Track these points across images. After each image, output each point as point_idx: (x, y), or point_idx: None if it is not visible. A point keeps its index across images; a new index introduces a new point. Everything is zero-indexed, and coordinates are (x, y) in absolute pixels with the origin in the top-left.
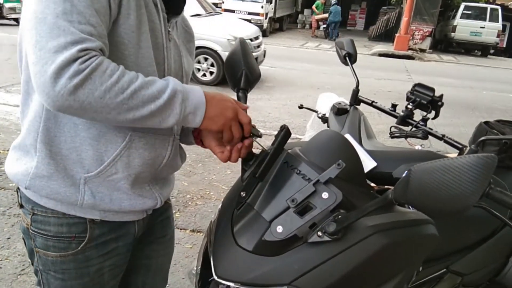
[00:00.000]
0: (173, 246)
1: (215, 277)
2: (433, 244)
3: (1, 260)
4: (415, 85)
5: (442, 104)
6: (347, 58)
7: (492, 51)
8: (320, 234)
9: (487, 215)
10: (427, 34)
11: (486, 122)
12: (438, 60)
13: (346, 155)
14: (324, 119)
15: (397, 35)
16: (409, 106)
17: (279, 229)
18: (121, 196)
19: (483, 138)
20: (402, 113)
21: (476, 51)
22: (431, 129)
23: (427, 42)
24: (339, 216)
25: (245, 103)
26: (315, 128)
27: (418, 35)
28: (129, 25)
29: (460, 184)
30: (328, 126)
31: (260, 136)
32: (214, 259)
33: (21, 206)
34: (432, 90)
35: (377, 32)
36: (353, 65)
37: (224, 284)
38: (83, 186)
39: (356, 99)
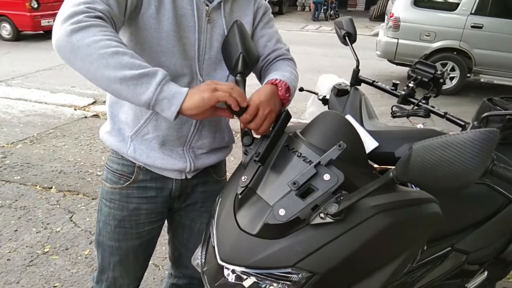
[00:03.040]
0: None
1: (219, 261)
2: (437, 223)
3: (9, 252)
4: (416, 62)
5: (444, 81)
6: (346, 38)
7: None
8: (323, 215)
9: (491, 192)
10: None
11: (490, 99)
12: None
13: (347, 136)
14: (324, 101)
15: None
16: (410, 85)
17: (282, 212)
18: (155, 155)
19: (486, 114)
20: (403, 92)
21: None
22: (433, 107)
23: None
24: (341, 197)
25: (244, 87)
26: (316, 105)
27: None
28: (149, 14)
29: (462, 160)
30: (328, 108)
31: None
32: (218, 244)
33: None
34: (434, 67)
35: (378, 13)
36: (353, 45)
37: (228, 268)
38: (129, 142)
39: (356, 79)
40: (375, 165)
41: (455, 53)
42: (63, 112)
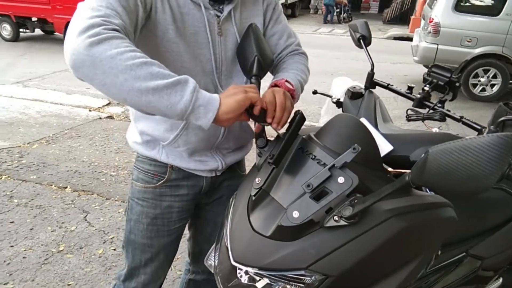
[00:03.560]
0: None
1: (233, 262)
2: (452, 228)
3: (25, 250)
4: (432, 66)
5: (460, 85)
6: (361, 41)
7: None
8: (337, 218)
9: (508, 197)
10: None
11: (506, 103)
12: None
13: (362, 139)
14: (338, 104)
15: (412, 17)
16: (426, 88)
17: (295, 214)
18: (187, 159)
19: (503, 118)
20: (418, 96)
21: None
22: (449, 111)
23: None
24: (355, 201)
25: (259, 89)
26: (329, 114)
27: None
28: (168, 38)
29: (478, 165)
30: (343, 111)
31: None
32: (231, 244)
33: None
34: (450, 71)
35: (392, 15)
36: (368, 48)
37: (241, 269)
38: (161, 150)
39: (371, 83)
40: (390, 169)
41: (497, 59)
42: (78, 113)
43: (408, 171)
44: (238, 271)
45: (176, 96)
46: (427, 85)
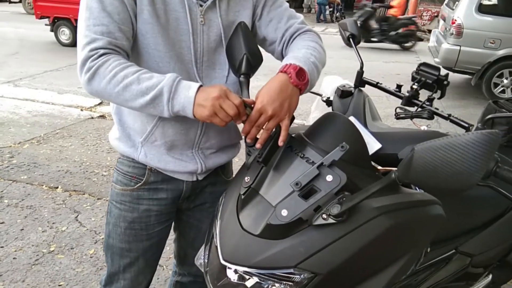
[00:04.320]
0: None
1: (222, 261)
2: (440, 225)
3: (15, 251)
4: (420, 64)
5: (448, 83)
6: (350, 40)
7: None
8: (325, 216)
9: (496, 195)
10: (435, 14)
11: (495, 101)
12: None
13: (350, 137)
14: (328, 103)
15: (405, 15)
16: (414, 86)
17: (284, 212)
18: (166, 159)
19: (490, 116)
20: (407, 94)
21: None
22: (437, 109)
23: (436, 23)
24: (344, 199)
25: (247, 88)
26: (319, 112)
27: (426, 15)
28: (143, 19)
29: (463, 162)
30: (332, 109)
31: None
32: (221, 243)
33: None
34: (438, 69)
35: (384, 14)
36: (358, 47)
37: (231, 268)
38: (140, 148)
39: (360, 81)
40: (379, 167)
41: None
42: (70, 113)
43: (395, 169)
44: (227, 270)
45: (158, 108)
46: (416, 83)
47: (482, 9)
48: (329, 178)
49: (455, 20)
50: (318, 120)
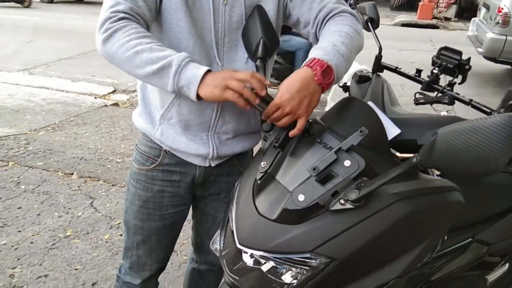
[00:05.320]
0: None
1: (238, 245)
2: (459, 212)
3: (32, 235)
4: (441, 48)
5: (470, 67)
6: (369, 24)
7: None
8: (343, 202)
9: None
10: (452, 1)
11: None
12: (464, 28)
13: (369, 122)
14: (345, 88)
15: (420, 3)
16: (435, 71)
17: (301, 197)
18: (180, 139)
19: None
20: (427, 79)
21: None
22: (458, 94)
23: (452, 10)
24: (362, 184)
25: (264, 73)
26: (336, 99)
27: (442, 2)
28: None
29: (488, 145)
30: (349, 95)
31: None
32: (237, 228)
33: None
34: (459, 53)
35: (400, 1)
36: (375, 32)
37: (246, 252)
38: (158, 125)
39: (379, 66)
40: (397, 153)
41: None
42: (84, 101)
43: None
44: (243, 254)
45: (164, 80)
46: (436, 68)
47: None
48: (347, 163)
49: (502, 8)
50: (336, 104)
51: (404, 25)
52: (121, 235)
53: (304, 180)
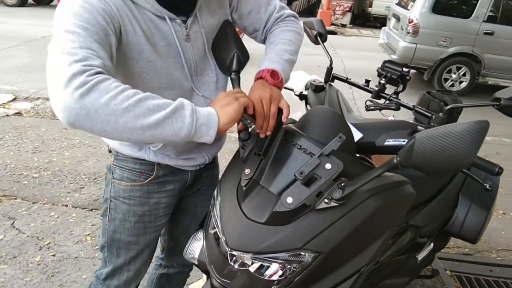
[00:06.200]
0: None
1: (229, 250)
2: (412, 202)
3: None
4: (385, 61)
5: (410, 78)
6: (318, 38)
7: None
8: (327, 201)
9: None
10: (347, 9)
11: (429, 92)
12: (358, 34)
13: (341, 128)
14: (301, 97)
15: (319, 10)
16: (382, 81)
17: (289, 200)
18: (176, 159)
19: (450, 106)
20: (376, 88)
21: None
22: (403, 101)
23: (348, 17)
24: (342, 184)
25: (239, 85)
26: (301, 110)
27: (339, 10)
28: (145, 58)
29: (459, 146)
30: (307, 103)
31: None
32: (226, 234)
33: (109, 151)
34: (401, 66)
35: (300, 8)
36: (324, 45)
37: (234, 255)
38: (148, 151)
39: (330, 76)
40: (357, 155)
41: (468, 58)
42: None
43: (373, 155)
44: (229, 258)
45: (178, 123)
46: (383, 79)
47: (436, 9)
48: (328, 166)
49: (412, 20)
50: (308, 113)
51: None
52: (53, 255)
53: (289, 184)
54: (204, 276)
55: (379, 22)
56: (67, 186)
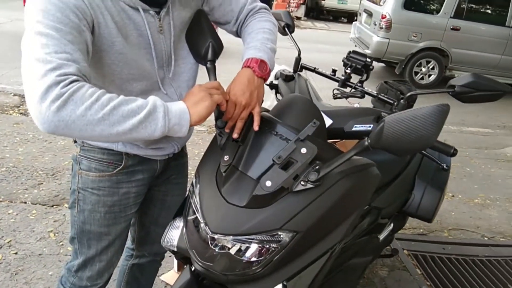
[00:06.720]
0: (185, 191)
1: (210, 234)
2: (377, 183)
3: None
4: (350, 52)
5: (373, 67)
6: (285, 29)
7: (355, 17)
8: (303, 183)
9: (393, 159)
10: (301, 2)
11: (386, 82)
12: (312, 27)
13: (314, 115)
14: (271, 86)
15: (274, 2)
16: (347, 71)
17: (268, 183)
18: (145, 148)
19: (411, 93)
20: (342, 77)
21: (342, 18)
22: (367, 89)
23: (302, 10)
24: (317, 167)
25: (214, 74)
26: (270, 99)
27: (293, 3)
28: (116, 50)
29: (424, 128)
30: (277, 92)
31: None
32: (207, 218)
33: (75, 141)
34: (365, 56)
35: None
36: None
37: (215, 239)
38: (121, 145)
39: (299, 66)
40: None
41: (436, 52)
42: None
43: (341, 140)
44: (210, 242)
45: (152, 126)
46: (348, 68)
47: (407, 6)
48: (303, 150)
49: (385, 15)
50: (282, 101)
51: None
52: (16, 253)
53: (267, 168)
54: (175, 266)
55: (332, 15)
56: (24, 182)
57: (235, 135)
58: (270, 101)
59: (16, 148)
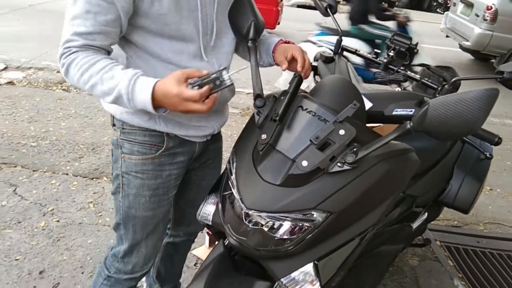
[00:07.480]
0: (219, 174)
1: (245, 209)
2: (415, 169)
3: None
4: (394, 34)
5: (418, 51)
6: (328, 9)
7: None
8: (340, 164)
9: (432, 146)
10: None
11: (428, 67)
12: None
13: (354, 97)
14: (311, 68)
15: None
16: (391, 54)
17: (304, 163)
18: (187, 126)
19: (456, 78)
20: (385, 60)
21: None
22: (409, 73)
23: None
24: (355, 149)
25: (255, 54)
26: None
27: None
28: (156, 10)
29: (470, 112)
30: (316, 74)
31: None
32: (243, 195)
33: (113, 124)
34: (410, 38)
35: None
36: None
37: (250, 215)
38: (158, 120)
39: (340, 48)
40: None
41: None
42: None
43: (380, 124)
44: (244, 218)
45: (124, 106)
46: (392, 51)
47: None
48: (341, 132)
49: (491, 7)
50: (321, 82)
51: (299, 6)
52: (58, 221)
53: (304, 148)
54: (207, 242)
55: None
56: (66, 155)
57: (308, 72)
58: (308, 82)
59: (59, 122)
